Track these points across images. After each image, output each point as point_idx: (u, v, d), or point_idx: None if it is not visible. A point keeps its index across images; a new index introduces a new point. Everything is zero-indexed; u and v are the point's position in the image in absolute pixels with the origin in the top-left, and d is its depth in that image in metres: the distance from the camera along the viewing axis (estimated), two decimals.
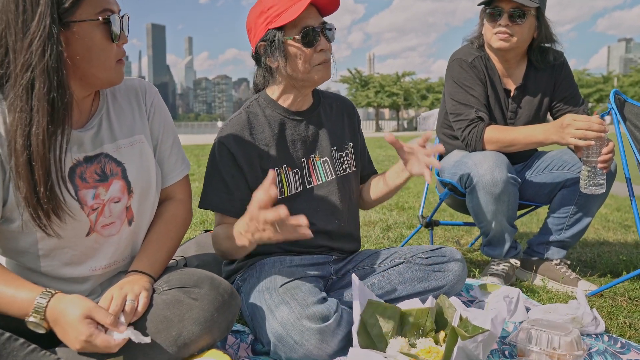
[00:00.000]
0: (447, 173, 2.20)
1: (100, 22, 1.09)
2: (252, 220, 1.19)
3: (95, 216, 1.18)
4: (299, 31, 1.41)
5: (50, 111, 1.03)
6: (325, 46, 1.45)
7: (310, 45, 1.43)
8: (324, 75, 1.49)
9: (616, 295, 2.04)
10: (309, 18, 1.42)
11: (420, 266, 1.58)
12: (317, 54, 1.45)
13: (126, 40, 1.18)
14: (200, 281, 1.16)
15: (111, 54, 1.14)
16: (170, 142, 1.38)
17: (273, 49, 1.44)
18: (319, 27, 1.44)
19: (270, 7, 1.42)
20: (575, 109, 2.22)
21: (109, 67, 1.15)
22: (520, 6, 2.03)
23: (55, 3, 1.03)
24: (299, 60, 1.44)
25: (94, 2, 1.08)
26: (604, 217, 4.14)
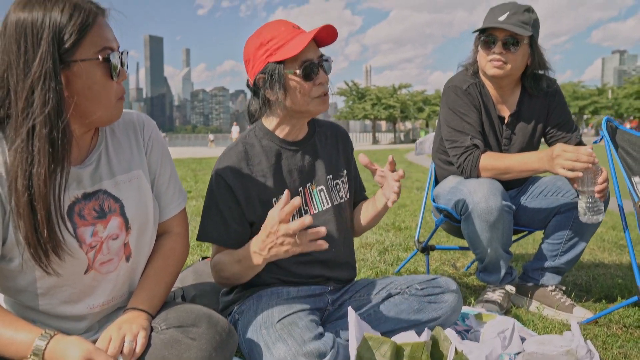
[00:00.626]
0: (443, 199, 2.22)
1: (100, 60, 1.10)
2: (270, 235, 1.26)
3: (93, 254, 1.19)
4: (300, 65, 1.43)
5: (51, 151, 1.04)
6: (324, 79, 1.48)
7: (310, 79, 1.45)
8: (322, 108, 1.51)
9: (611, 322, 2.05)
10: (308, 52, 1.44)
11: (416, 297, 1.59)
12: (316, 87, 1.47)
13: (126, 77, 1.19)
14: (198, 320, 1.17)
15: (111, 92, 1.15)
16: (168, 175, 1.39)
17: (273, 82, 1.45)
18: (317, 60, 1.46)
19: (270, 39, 1.44)
20: (569, 135, 2.25)
21: (109, 105, 1.16)
22: (513, 35, 2.06)
23: (56, 44, 1.04)
24: (299, 93, 1.46)
25: (95, 41, 1.10)
26: (599, 236, 4.16)
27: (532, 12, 2.11)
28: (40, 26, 1.03)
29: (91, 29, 1.09)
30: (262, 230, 1.29)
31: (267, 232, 1.27)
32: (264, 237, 1.28)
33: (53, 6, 1.05)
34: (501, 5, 2.14)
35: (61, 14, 1.05)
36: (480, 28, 2.14)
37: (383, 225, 4.19)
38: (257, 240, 1.31)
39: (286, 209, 1.21)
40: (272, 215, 1.26)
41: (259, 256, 1.32)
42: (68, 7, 1.06)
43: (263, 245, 1.29)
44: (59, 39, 1.04)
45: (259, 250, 1.31)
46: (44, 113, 1.03)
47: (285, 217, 1.22)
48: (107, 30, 1.14)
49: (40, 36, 1.03)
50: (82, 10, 1.08)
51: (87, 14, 1.08)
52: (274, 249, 1.27)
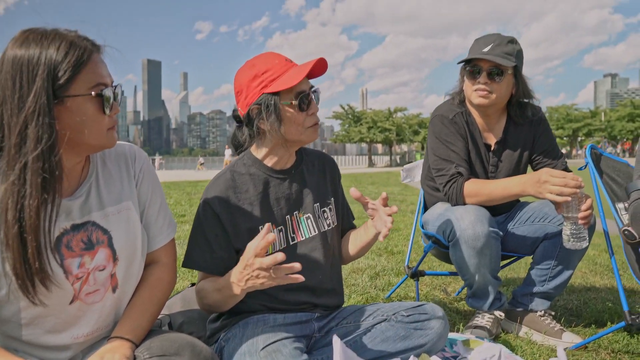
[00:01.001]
0: (431, 226, 2.25)
1: (93, 96, 1.14)
2: (247, 267, 1.29)
3: (79, 285, 1.20)
4: (295, 96, 1.49)
5: (43, 184, 1.07)
6: (315, 109, 1.55)
7: (304, 109, 1.51)
8: (314, 137, 1.59)
9: (600, 347, 2.05)
10: (302, 83, 1.51)
11: (402, 324, 1.60)
12: (309, 117, 1.53)
13: (118, 110, 1.22)
14: (182, 349, 1.17)
15: (103, 124, 1.18)
16: (158, 206, 1.41)
17: (269, 113, 1.49)
18: (309, 91, 1.52)
19: (265, 71, 1.48)
20: (555, 162, 2.29)
21: (100, 136, 1.19)
22: (498, 65, 2.12)
23: (50, 80, 1.08)
24: (293, 123, 1.51)
25: (88, 77, 1.13)
26: (591, 259, 4.18)
27: (515, 43, 2.17)
28: (36, 63, 1.07)
29: (85, 66, 1.12)
30: (240, 261, 1.33)
31: (243, 265, 1.31)
32: (241, 269, 1.32)
33: (49, 44, 1.10)
34: (485, 37, 2.20)
35: (57, 51, 1.09)
36: (465, 59, 2.20)
37: (375, 250, 4.20)
38: (236, 271, 1.35)
39: (260, 243, 1.25)
40: (249, 248, 1.29)
41: (237, 287, 1.35)
42: (64, 45, 1.10)
43: (240, 277, 1.33)
44: (53, 76, 1.08)
45: (237, 282, 1.34)
46: (37, 146, 1.05)
47: (260, 251, 1.26)
48: (101, 67, 1.18)
49: (35, 72, 1.07)
50: (78, 48, 1.12)
51: (82, 51, 1.12)
52: (250, 281, 1.31)
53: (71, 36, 1.14)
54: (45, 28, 1.14)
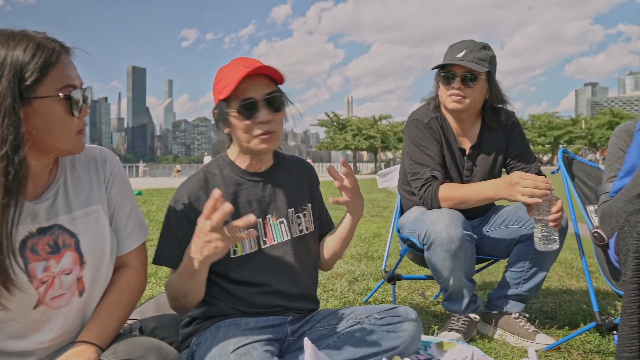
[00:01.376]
0: (407, 230, 2.26)
1: (61, 97, 1.13)
2: (200, 235, 1.29)
3: (44, 289, 1.18)
4: (238, 103, 1.48)
5: (6, 185, 1.05)
6: (265, 118, 1.49)
7: (248, 117, 1.48)
8: (263, 147, 1.53)
9: (572, 348, 2.08)
10: (250, 90, 1.48)
11: (375, 327, 1.60)
12: (257, 125, 1.49)
13: (87, 113, 1.21)
14: (147, 352, 1.16)
15: (71, 127, 1.17)
16: (128, 210, 1.40)
17: (221, 120, 1.53)
18: (260, 99, 1.48)
19: (222, 79, 1.50)
20: (528, 166, 2.32)
21: (69, 139, 1.18)
22: (471, 71, 2.15)
23: (17, 81, 1.07)
24: (240, 130, 1.51)
25: (56, 79, 1.12)
26: (568, 263, 4.24)
27: (488, 50, 2.21)
28: (2, 64, 1.06)
29: (53, 68, 1.12)
30: (195, 233, 1.32)
31: (197, 233, 1.30)
32: (196, 240, 1.31)
33: (16, 45, 1.09)
34: (459, 43, 2.24)
35: (24, 52, 1.08)
36: (439, 64, 2.23)
37: (355, 255, 4.21)
38: (192, 244, 1.34)
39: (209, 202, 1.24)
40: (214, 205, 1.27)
41: (196, 260, 1.33)
42: (31, 46, 1.10)
43: (196, 248, 1.31)
44: (20, 77, 1.07)
45: (194, 254, 1.33)
46: (2, 150, 1.04)
47: (207, 213, 1.25)
48: (70, 68, 1.17)
49: (0, 73, 1.06)
50: (46, 49, 1.11)
51: (50, 53, 1.12)
52: (205, 249, 1.29)
53: (39, 37, 1.13)
54: (13, 29, 1.13)
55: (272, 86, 1.53)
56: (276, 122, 1.53)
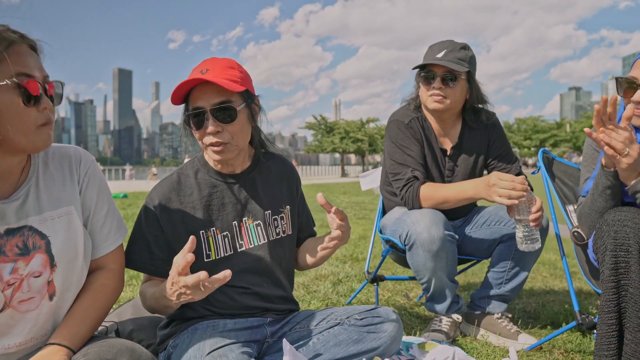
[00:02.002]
0: (389, 230, 2.25)
1: (11, 86, 1.08)
2: (174, 284, 1.25)
3: (11, 291, 1.15)
4: (187, 113, 1.47)
5: None
6: (212, 130, 1.43)
7: (198, 127, 1.46)
8: (218, 158, 1.49)
9: (554, 348, 2.08)
10: (199, 99, 1.44)
11: (355, 327, 1.59)
12: (207, 136, 1.46)
13: (49, 106, 1.16)
14: (120, 354, 1.13)
15: (28, 119, 1.12)
16: (104, 212, 1.36)
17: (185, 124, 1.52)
18: (208, 109, 1.43)
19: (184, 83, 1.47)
20: (509, 167, 2.33)
21: (27, 131, 1.13)
22: (451, 70, 2.15)
23: None
24: (197, 138, 1.50)
25: (8, 67, 1.08)
26: (552, 264, 4.27)
27: (468, 50, 2.21)
28: None
29: (4, 55, 1.08)
30: (169, 278, 1.28)
31: (170, 281, 1.26)
32: (170, 285, 1.27)
33: None
34: (439, 43, 2.24)
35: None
36: (420, 64, 2.23)
37: (340, 257, 4.20)
38: (166, 286, 1.30)
39: (181, 262, 1.20)
40: (175, 263, 1.24)
41: (169, 300, 1.30)
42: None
43: (170, 292, 1.28)
44: None
45: (169, 296, 1.29)
46: None
47: (182, 270, 1.20)
48: (28, 58, 1.13)
49: None
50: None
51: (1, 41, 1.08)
52: (182, 297, 1.26)
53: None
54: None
55: (225, 95, 1.44)
56: (228, 133, 1.46)
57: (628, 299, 1.47)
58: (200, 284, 1.19)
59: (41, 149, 1.18)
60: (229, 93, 1.45)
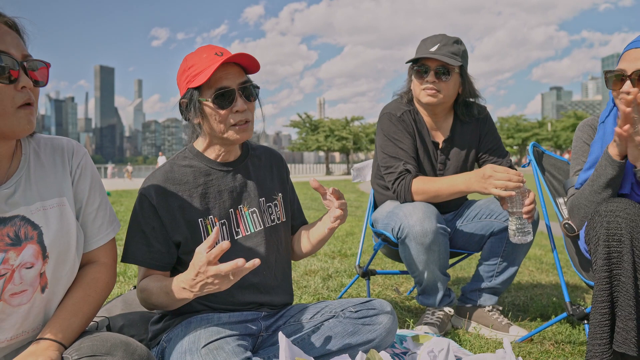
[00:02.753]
0: (380, 224, 2.25)
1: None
2: (200, 274, 1.22)
3: (2, 283, 1.11)
4: (213, 92, 1.43)
5: None
6: (242, 107, 1.46)
7: (224, 106, 1.44)
8: (240, 137, 1.50)
9: (544, 339, 2.10)
10: (225, 79, 1.44)
11: (350, 320, 1.58)
12: (233, 114, 1.46)
13: (29, 84, 1.11)
14: (114, 348, 1.10)
15: (4, 98, 1.07)
16: (97, 205, 1.33)
17: (193, 108, 1.46)
18: (235, 88, 1.45)
19: (191, 66, 1.45)
20: (500, 160, 2.34)
21: (5, 113, 1.08)
22: (445, 64, 2.15)
23: None
24: (215, 120, 1.46)
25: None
26: (538, 258, 4.32)
27: (460, 44, 2.22)
28: None
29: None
30: (191, 268, 1.24)
31: (195, 272, 1.22)
32: (193, 276, 1.23)
33: None
34: (432, 37, 2.24)
35: None
36: (413, 58, 2.22)
37: (329, 252, 4.19)
38: (186, 278, 1.27)
39: (214, 251, 1.18)
40: (199, 253, 1.21)
41: (189, 292, 1.28)
42: None
43: (193, 283, 1.25)
44: None
45: (189, 287, 1.26)
46: None
47: (213, 259, 1.18)
48: (6, 37, 1.09)
49: None
50: None
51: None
52: (206, 287, 1.24)
53: None
54: None
55: (245, 75, 1.50)
56: (250, 112, 1.50)
57: (620, 289, 1.49)
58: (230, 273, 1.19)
59: (21, 134, 1.13)
60: (246, 74, 1.49)
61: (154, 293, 1.40)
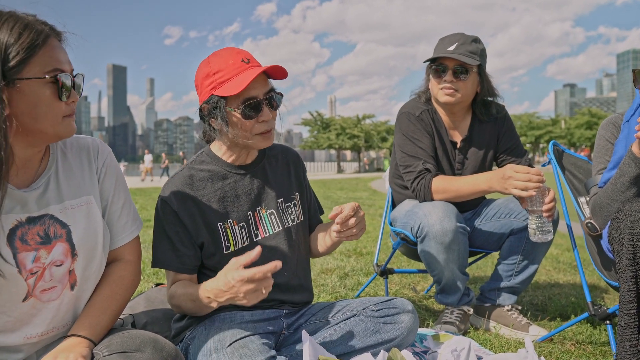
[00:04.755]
0: (399, 223, 2.25)
1: (47, 80, 1.09)
2: (232, 288, 1.22)
3: (34, 280, 1.14)
4: (242, 103, 1.43)
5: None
6: (267, 117, 1.46)
7: (251, 117, 1.45)
8: (263, 144, 1.51)
9: (565, 339, 2.09)
10: (253, 89, 1.43)
11: (372, 319, 1.59)
12: (259, 124, 1.46)
13: (77, 99, 1.18)
14: (143, 345, 1.12)
15: (58, 112, 1.13)
16: (121, 203, 1.36)
17: (216, 115, 1.46)
18: (263, 97, 1.45)
19: (217, 71, 1.44)
20: (519, 160, 2.33)
21: (55, 123, 1.13)
22: (463, 64, 2.14)
23: (0, 62, 1.03)
24: (240, 129, 1.46)
25: (44, 61, 1.09)
26: (555, 258, 4.28)
27: (479, 43, 2.21)
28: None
29: (41, 49, 1.08)
30: (222, 279, 1.25)
31: (229, 285, 1.22)
32: (225, 288, 1.24)
33: (2, 25, 1.05)
34: (450, 36, 2.23)
35: (9, 32, 1.05)
36: (431, 57, 2.22)
37: (344, 251, 4.19)
38: (214, 288, 1.28)
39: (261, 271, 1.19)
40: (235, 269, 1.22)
41: (215, 302, 1.30)
42: (18, 26, 1.06)
43: (222, 295, 1.26)
44: (4, 57, 1.04)
45: (215, 297, 1.28)
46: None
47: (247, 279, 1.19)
48: (59, 52, 1.13)
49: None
50: (33, 30, 1.08)
51: (37, 34, 1.08)
52: (234, 301, 1.25)
53: (28, 19, 1.10)
54: (1, 10, 1.09)
55: (270, 83, 1.50)
56: (274, 120, 1.51)
57: None
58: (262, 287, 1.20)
59: (66, 137, 1.18)
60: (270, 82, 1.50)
61: (181, 300, 1.42)
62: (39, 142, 1.16)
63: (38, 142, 1.16)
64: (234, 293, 1.22)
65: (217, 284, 1.27)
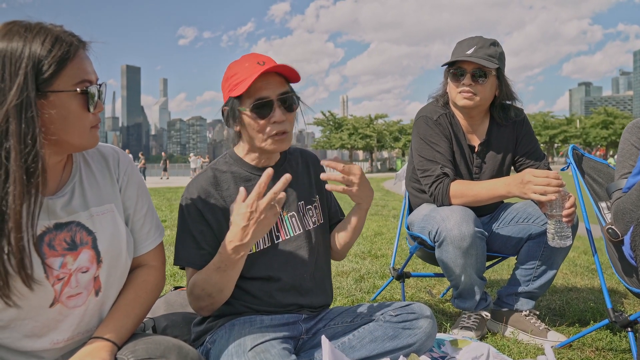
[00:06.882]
0: (417, 227, 2.24)
1: (77, 92, 1.11)
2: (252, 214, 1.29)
3: (60, 286, 1.16)
4: (252, 102, 1.45)
5: (25, 179, 1.03)
6: (280, 118, 1.47)
7: (262, 117, 1.46)
8: (276, 147, 1.52)
9: (584, 346, 2.07)
10: (265, 89, 1.45)
11: (390, 324, 1.59)
12: (272, 125, 1.48)
13: (102, 108, 1.20)
14: (168, 351, 1.14)
15: (87, 122, 1.15)
16: (144, 211, 1.38)
17: (232, 117, 1.50)
18: (274, 98, 1.46)
19: (234, 74, 1.48)
20: (537, 164, 2.31)
21: (83, 134, 1.16)
22: (481, 67, 2.13)
23: (34, 74, 1.05)
24: (253, 130, 1.49)
25: (73, 73, 1.11)
26: (572, 261, 4.24)
27: (497, 46, 2.19)
28: (19, 57, 1.04)
29: (70, 62, 1.10)
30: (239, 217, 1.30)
31: (246, 216, 1.28)
32: (244, 222, 1.29)
33: (34, 37, 1.07)
34: (468, 39, 2.22)
35: (41, 45, 1.07)
36: (449, 61, 2.21)
37: (359, 253, 4.20)
38: (235, 232, 1.31)
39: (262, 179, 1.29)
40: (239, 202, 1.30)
41: (241, 247, 1.32)
42: (49, 39, 1.08)
43: (244, 230, 1.30)
44: (37, 70, 1.06)
45: (240, 241, 1.31)
46: (19, 141, 1.02)
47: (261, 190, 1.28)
48: (87, 63, 1.15)
49: (18, 66, 1.04)
50: (63, 43, 1.09)
51: (67, 46, 1.10)
52: (258, 230, 1.30)
53: (56, 30, 1.11)
54: (30, 21, 1.11)
55: (286, 85, 1.51)
56: (289, 122, 1.51)
57: None
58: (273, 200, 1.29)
59: (90, 148, 1.21)
60: (287, 83, 1.50)
61: (204, 279, 1.42)
62: (63, 151, 1.19)
63: (63, 152, 1.19)
64: (254, 219, 1.28)
65: (235, 225, 1.31)
